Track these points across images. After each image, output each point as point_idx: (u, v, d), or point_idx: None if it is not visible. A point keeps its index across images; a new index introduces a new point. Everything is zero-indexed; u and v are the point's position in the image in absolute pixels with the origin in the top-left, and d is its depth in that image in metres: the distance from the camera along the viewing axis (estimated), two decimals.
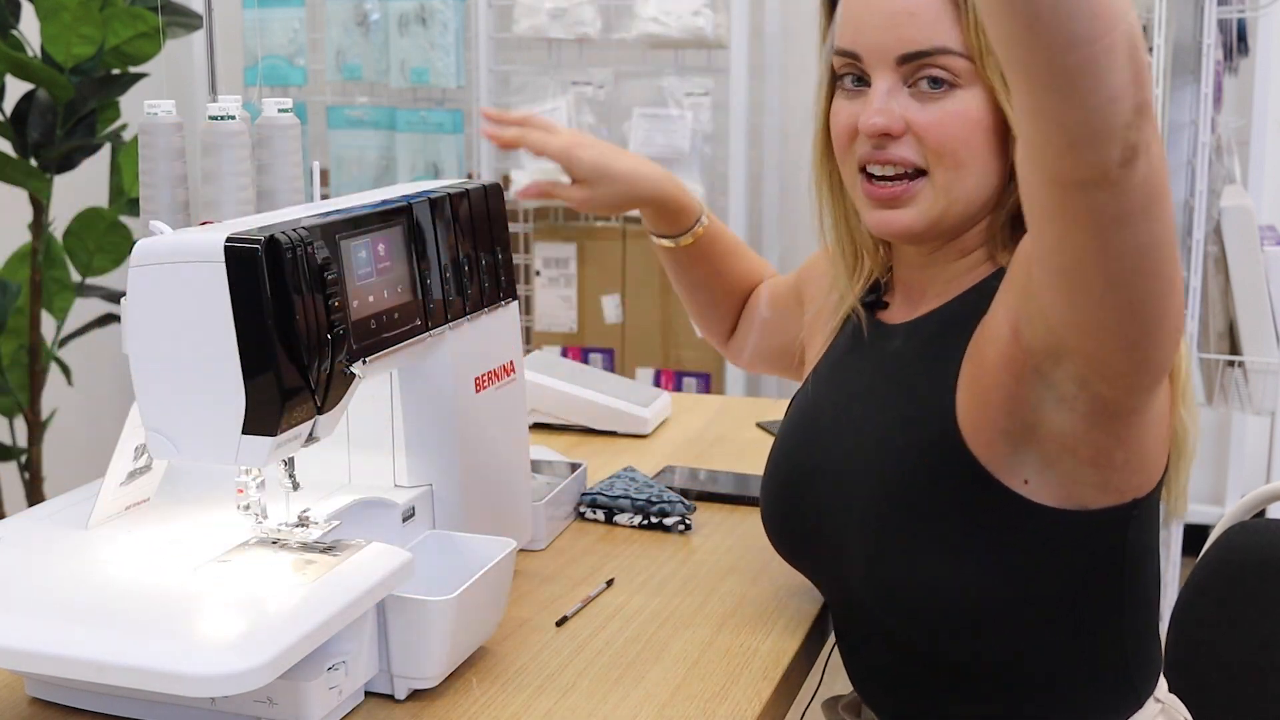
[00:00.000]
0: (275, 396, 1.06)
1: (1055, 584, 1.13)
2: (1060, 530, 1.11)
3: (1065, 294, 0.99)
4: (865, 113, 1.15)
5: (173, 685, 0.98)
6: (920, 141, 1.14)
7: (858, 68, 1.16)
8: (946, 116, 1.13)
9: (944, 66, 1.12)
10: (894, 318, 1.25)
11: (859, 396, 1.23)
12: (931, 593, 1.14)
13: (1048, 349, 1.04)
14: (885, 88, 1.14)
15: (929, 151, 1.14)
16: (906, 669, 1.22)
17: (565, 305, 3.67)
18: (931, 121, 1.13)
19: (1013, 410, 1.08)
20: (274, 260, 1.05)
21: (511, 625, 1.31)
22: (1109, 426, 1.07)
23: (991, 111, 1.13)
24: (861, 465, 1.19)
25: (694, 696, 1.18)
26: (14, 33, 2.85)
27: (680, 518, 1.57)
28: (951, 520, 1.12)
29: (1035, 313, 1.04)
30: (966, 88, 1.12)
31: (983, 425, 1.10)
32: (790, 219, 3.80)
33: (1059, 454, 1.08)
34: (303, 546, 1.16)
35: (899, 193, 1.16)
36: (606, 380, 2.02)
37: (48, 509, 1.26)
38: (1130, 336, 0.99)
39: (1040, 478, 1.10)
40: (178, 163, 1.27)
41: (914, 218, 1.16)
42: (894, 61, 1.13)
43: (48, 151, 2.90)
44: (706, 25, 3.33)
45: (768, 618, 1.34)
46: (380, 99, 3.76)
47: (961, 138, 1.13)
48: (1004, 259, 1.16)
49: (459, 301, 1.32)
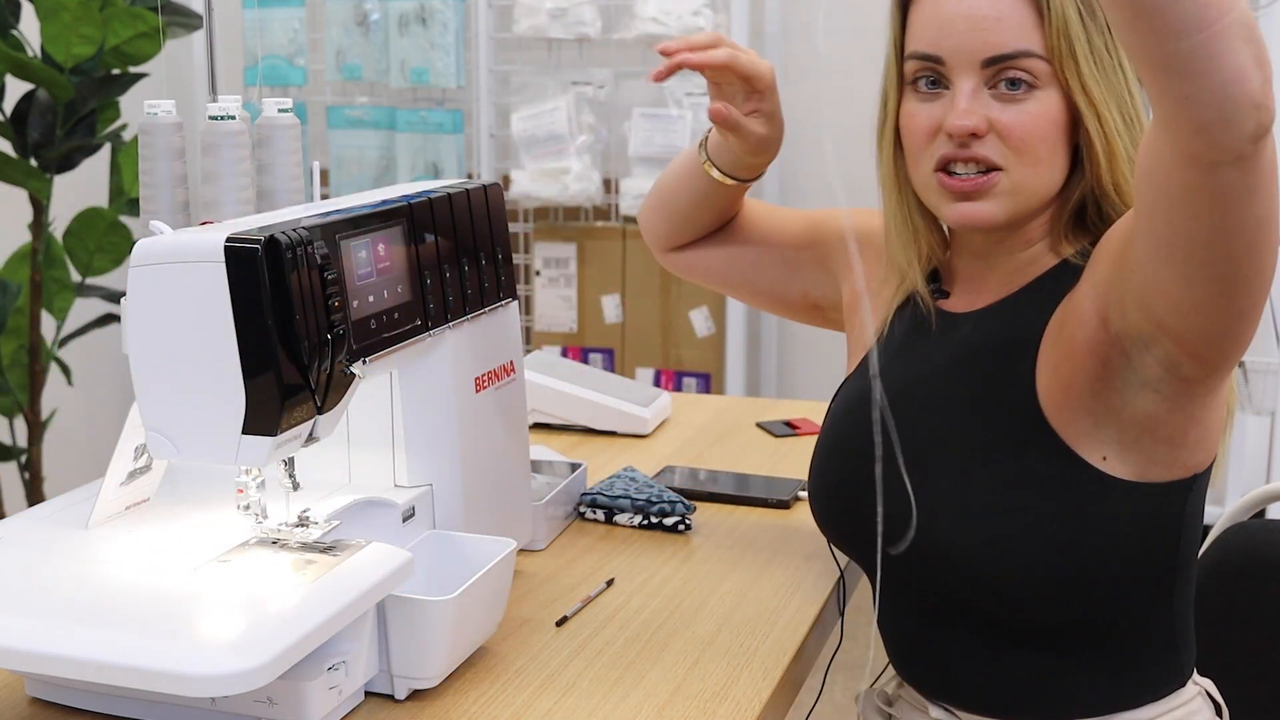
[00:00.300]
0: (275, 396, 1.06)
1: (1121, 553, 1.18)
2: (1131, 502, 1.17)
3: (1182, 273, 1.04)
4: (952, 114, 1.20)
5: (173, 685, 0.98)
6: (1002, 140, 1.19)
7: (937, 71, 1.22)
8: (1027, 117, 1.19)
9: (1026, 69, 1.18)
10: (957, 307, 1.29)
11: (927, 380, 1.25)
12: (1006, 559, 1.17)
13: (1140, 334, 1.10)
14: (969, 89, 1.19)
15: (1010, 149, 1.19)
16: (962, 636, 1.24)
17: (565, 305, 3.67)
18: (1014, 121, 1.19)
19: (1098, 392, 1.14)
20: (274, 260, 1.05)
21: (511, 625, 1.31)
22: (1187, 408, 1.14)
23: (1065, 110, 1.19)
24: (941, 440, 1.22)
25: (694, 696, 1.19)
26: (14, 33, 2.85)
27: (680, 518, 1.57)
28: (1032, 490, 1.17)
29: (1132, 297, 1.09)
30: (1044, 89, 1.19)
31: (1067, 406, 1.16)
32: None
33: (1138, 435, 1.15)
34: (303, 546, 1.16)
35: (980, 184, 1.20)
36: (606, 380, 2.02)
37: (48, 509, 1.26)
38: (1237, 308, 1.05)
39: (1118, 456, 1.16)
40: (178, 163, 1.27)
41: (994, 210, 1.21)
42: (979, 64, 1.19)
43: (48, 151, 2.90)
44: (706, 25, 3.33)
45: (768, 618, 1.34)
46: (380, 99, 3.76)
47: (1039, 136, 1.19)
48: (1065, 250, 1.23)
49: (459, 301, 1.32)
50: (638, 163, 3.46)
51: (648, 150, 3.43)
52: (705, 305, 3.54)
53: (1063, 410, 1.16)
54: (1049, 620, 1.19)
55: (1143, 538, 1.18)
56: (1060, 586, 1.18)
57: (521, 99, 3.54)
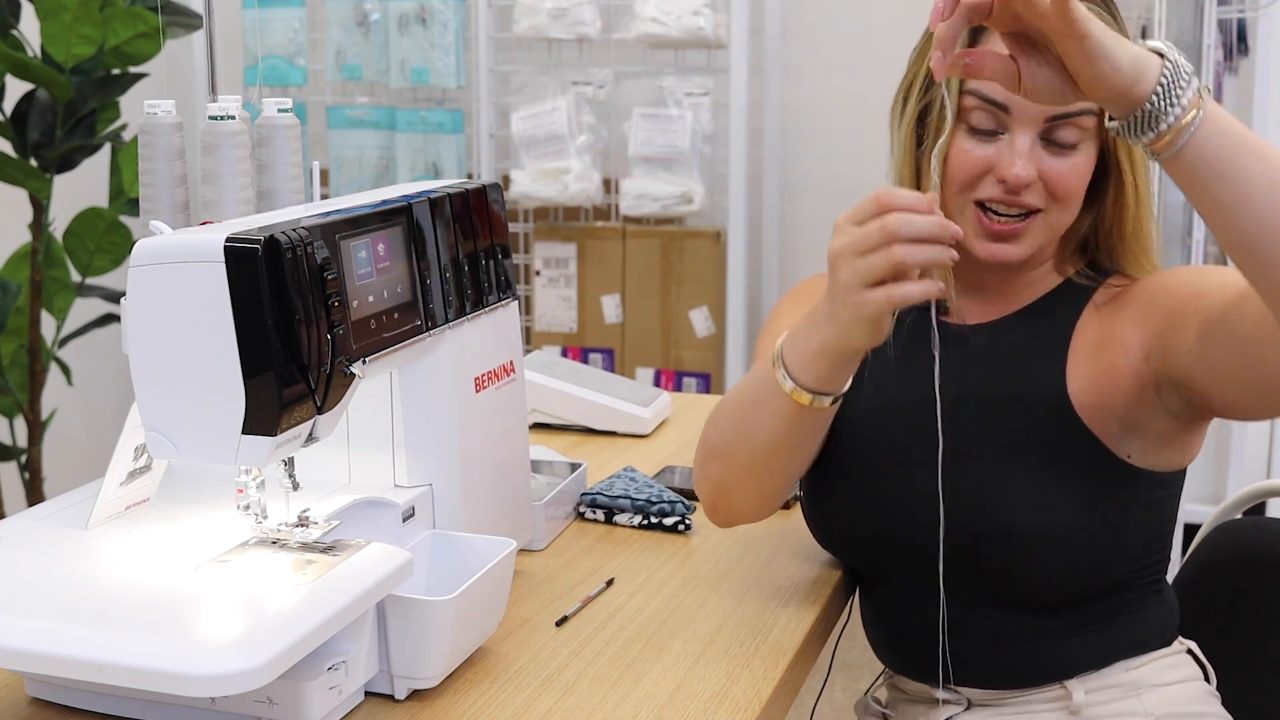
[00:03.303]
0: (275, 396, 1.06)
1: (1136, 531, 1.30)
2: (1147, 487, 1.30)
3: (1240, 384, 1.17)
4: (1011, 164, 1.24)
5: (173, 685, 0.98)
6: (1048, 188, 1.26)
7: (998, 116, 1.25)
8: (1073, 169, 1.26)
9: (1080, 125, 1.25)
10: (967, 319, 1.36)
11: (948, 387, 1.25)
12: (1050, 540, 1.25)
13: (1173, 381, 1.23)
14: (1029, 142, 1.25)
15: (1051, 196, 1.27)
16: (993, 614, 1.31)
17: (565, 305, 3.67)
18: (1062, 173, 1.26)
19: (1130, 408, 1.26)
20: (274, 260, 1.05)
21: (511, 625, 1.31)
22: (1202, 428, 1.31)
23: (1098, 156, 1.29)
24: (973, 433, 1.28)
25: (694, 696, 1.19)
26: (14, 33, 2.85)
27: (680, 518, 1.57)
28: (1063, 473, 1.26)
29: (1182, 363, 1.21)
30: (1089, 141, 1.27)
31: (1101, 411, 1.27)
32: (790, 219, 3.80)
33: (1158, 445, 1.29)
34: (303, 546, 1.16)
35: (1019, 229, 1.28)
36: (606, 380, 2.02)
37: (48, 509, 1.26)
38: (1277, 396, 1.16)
39: (1141, 457, 1.28)
40: (178, 163, 1.27)
41: (1024, 250, 1.29)
42: (1042, 119, 1.24)
43: (48, 151, 2.90)
44: (706, 25, 3.33)
45: (767, 618, 1.34)
46: (380, 99, 3.76)
47: (1079, 184, 1.28)
48: (1068, 270, 1.36)
49: (459, 301, 1.32)
50: (638, 163, 3.46)
51: (648, 150, 3.43)
52: (705, 305, 3.55)
53: (1098, 414, 1.26)
54: (1077, 591, 1.29)
55: (1153, 518, 1.31)
56: (1092, 561, 1.27)
57: (521, 99, 3.54)
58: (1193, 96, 1.01)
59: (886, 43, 3.65)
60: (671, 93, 3.43)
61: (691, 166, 3.42)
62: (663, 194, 3.41)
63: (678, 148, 3.40)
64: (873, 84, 3.84)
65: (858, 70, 3.63)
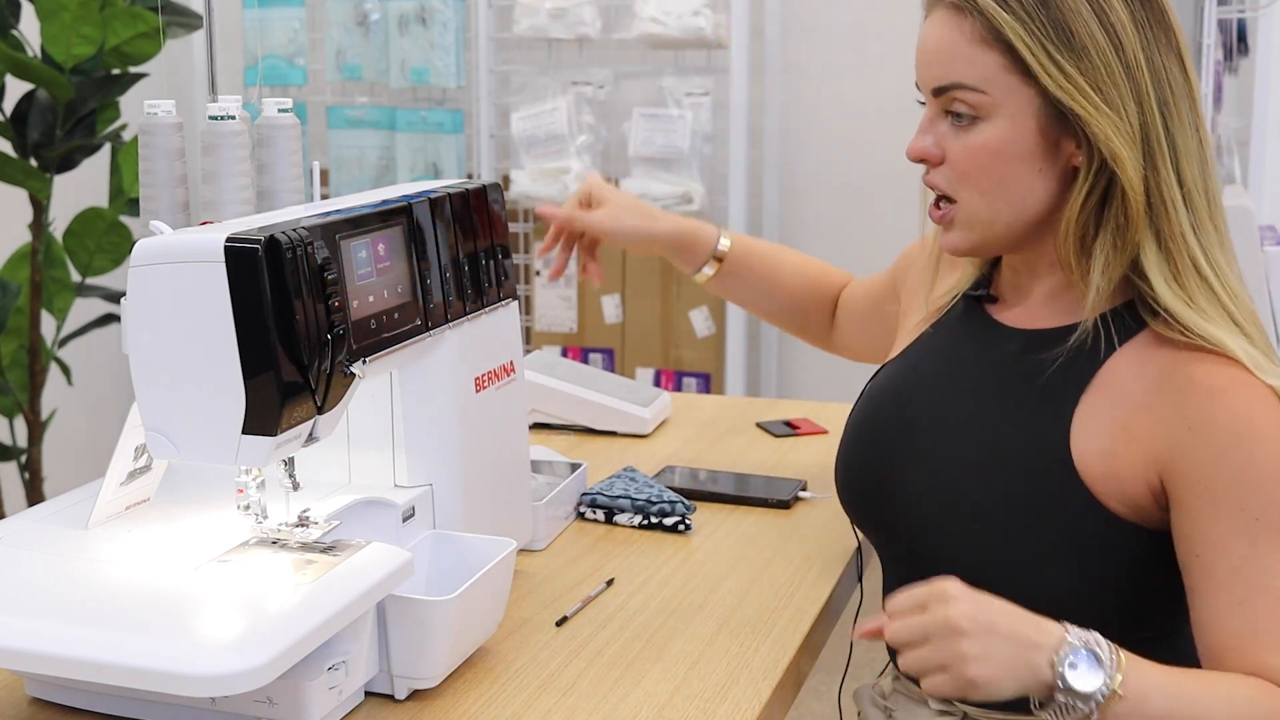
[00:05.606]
0: (275, 396, 1.06)
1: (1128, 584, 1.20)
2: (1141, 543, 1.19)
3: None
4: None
5: (173, 685, 0.98)
6: (950, 169, 1.22)
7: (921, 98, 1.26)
8: (968, 147, 1.20)
9: (962, 100, 1.20)
10: (1006, 318, 1.29)
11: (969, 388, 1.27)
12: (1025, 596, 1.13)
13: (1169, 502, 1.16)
14: (929, 116, 1.24)
15: (955, 179, 1.22)
16: None
17: (565, 305, 3.67)
18: (958, 151, 1.21)
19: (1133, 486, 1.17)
20: (274, 260, 1.05)
21: (511, 625, 1.31)
22: None
23: (1021, 139, 1.18)
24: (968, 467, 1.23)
25: (694, 696, 1.19)
26: (14, 33, 2.85)
27: (680, 518, 1.57)
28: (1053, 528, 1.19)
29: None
30: (989, 120, 1.19)
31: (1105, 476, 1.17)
32: (790, 219, 3.80)
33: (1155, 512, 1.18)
34: (303, 546, 1.16)
35: (941, 217, 1.25)
36: (606, 380, 2.02)
37: (48, 509, 1.26)
38: None
39: (1135, 516, 1.18)
40: (178, 163, 1.27)
41: (957, 240, 1.25)
42: (931, 94, 1.23)
43: (48, 151, 2.90)
44: (706, 25, 3.33)
45: (768, 618, 1.34)
46: (380, 99, 3.76)
47: (982, 167, 1.20)
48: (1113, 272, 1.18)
49: (459, 301, 1.32)
50: (638, 163, 3.46)
51: (648, 150, 3.43)
52: (705, 305, 3.55)
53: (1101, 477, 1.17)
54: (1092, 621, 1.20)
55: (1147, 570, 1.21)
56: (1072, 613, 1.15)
57: (521, 99, 3.54)
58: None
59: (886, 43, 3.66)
60: (671, 93, 3.43)
61: (691, 166, 3.42)
62: (663, 194, 3.40)
63: (678, 148, 3.40)
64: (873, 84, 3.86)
65: (858, 70, 3.63)
